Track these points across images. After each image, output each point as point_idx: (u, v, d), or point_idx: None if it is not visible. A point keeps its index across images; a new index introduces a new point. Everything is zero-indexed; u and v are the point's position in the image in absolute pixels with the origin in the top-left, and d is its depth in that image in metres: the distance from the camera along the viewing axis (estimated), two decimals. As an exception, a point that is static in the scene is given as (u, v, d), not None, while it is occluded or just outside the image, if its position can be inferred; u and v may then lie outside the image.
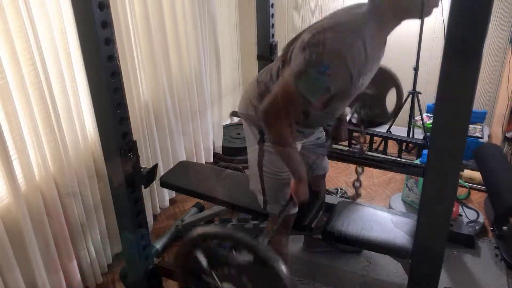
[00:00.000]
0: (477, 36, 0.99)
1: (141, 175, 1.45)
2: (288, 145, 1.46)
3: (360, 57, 1.33)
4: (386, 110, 2.14)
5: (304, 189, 1.56)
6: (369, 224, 1.96)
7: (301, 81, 1.33)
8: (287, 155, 1.50)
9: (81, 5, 1.18)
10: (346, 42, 1.30)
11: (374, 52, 1.40)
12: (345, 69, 1.32)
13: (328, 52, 1.31)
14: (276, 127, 1.43)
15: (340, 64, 1.30)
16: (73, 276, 2.00)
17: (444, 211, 1.25)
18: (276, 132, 1.44)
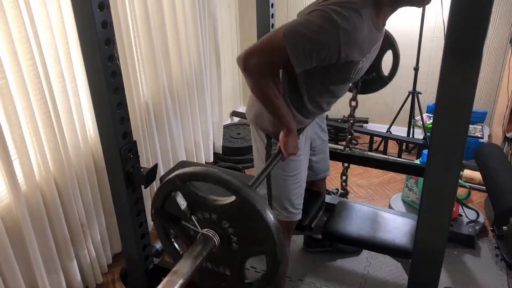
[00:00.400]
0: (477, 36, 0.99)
1: (141, 175, 1.45)
2: (271, 93, 1.39)
3: (356, 36, 1.31)
4: (382, 73, 2.07)
5: (294, 141, 1.50)
6: (369, 224, 1.96)
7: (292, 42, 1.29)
8: (272, 105, 1.42)
9: (81, 5, 1.18)
10: (346, 18, 1.28)
11: (373, 35, 1.38)
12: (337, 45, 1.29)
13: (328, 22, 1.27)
14: (257, 74, 1.37)
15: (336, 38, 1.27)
16: (73, 276, 2.00)
17: (444, 211, 1.25)
18: (257, 79, 1.38)
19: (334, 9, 1.28)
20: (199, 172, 1.02)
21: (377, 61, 1.99)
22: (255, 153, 1.75)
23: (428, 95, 3.32)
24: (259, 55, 1.34)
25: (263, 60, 1.34)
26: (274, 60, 1.35)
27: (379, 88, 2.11)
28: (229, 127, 3.54)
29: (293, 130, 1.49)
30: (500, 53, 3.08)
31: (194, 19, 2.64)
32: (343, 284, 2.12)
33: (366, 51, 1.39)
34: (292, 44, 1.30)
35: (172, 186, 1.06)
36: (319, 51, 1.31)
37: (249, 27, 3.71)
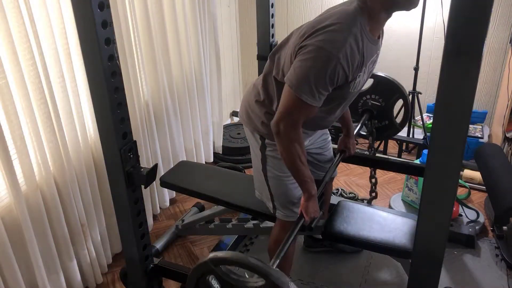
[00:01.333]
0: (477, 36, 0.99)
1: (141, 175, 1.45)
2: (298, 159, 1.46)
3: (353, 55, 1.33)
4: (394, 121, 2.18)
5: (314, 206, 1.55)
6: (369, 224, 1.96)
7: (303, 91, 1.34)
8: (298, 170, 1.49)
9: (81, 5, 1.18)
10: (338, 42, 1.31)
11: (368, 48, 1.40)
12: (341, 70, 1.33)
13: (322, 56, 1.31)
14: (286, 139, 1.44)
15: (336, 66, 1.31)
16: (73, 276, 2.00)
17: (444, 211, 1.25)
18: (286, 149, 1.45)
19: (326, 40, 1.31)
20: (230, 257, 1.11)
21: (389, 109, 2.16)
22: (252, 153, 1.76)
23: (428, 95, 3.32)
24: (284, 119, 1.41)
25: (289, 122, 1.40)
26: (298, 117, 1.41)
27: (392, 135, 2.29)
28: (229, 127, 3.54)
29: (313, 196, 1.54)
30: (500, 53, 3.08)
31: (194, 19, 2.64)
32: (343, 284, 2.12)
33: (362, 66, 1.42)
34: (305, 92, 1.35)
35: (205, 269, 1.13)
36: (331, 83, 1.36)
37: (249, 27, 3.71)
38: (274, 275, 1.04)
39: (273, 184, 1.69)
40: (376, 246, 1.88)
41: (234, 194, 2.09)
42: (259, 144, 1.66)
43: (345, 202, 2.12)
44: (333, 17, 1.36)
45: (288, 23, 3.57)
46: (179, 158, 2.72)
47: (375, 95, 2.12)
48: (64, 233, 1.89)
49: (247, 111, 1.68)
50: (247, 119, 1.68)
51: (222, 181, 2.23)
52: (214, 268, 1.11)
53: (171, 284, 2.11)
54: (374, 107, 2.14)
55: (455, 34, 1.01)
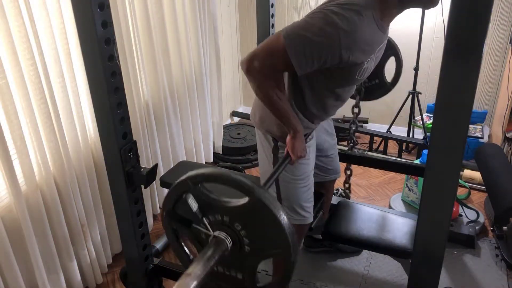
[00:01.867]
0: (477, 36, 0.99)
1: (141, 175, 1.45)
2: (273, 95, 1.39)
3: (357, 43, 1.31)
4: (385, 79, 2.07)
5: (301, 144, 1.49)
6: (369, 224, 1.96)
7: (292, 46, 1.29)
8: (276, 107, 1.42)
9: (81, 5, 1.18)
10: (348, 20, 1.28)
11: (377, 35, 1.38)
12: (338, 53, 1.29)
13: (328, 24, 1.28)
14: (259, 77, 1.36)
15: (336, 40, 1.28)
16: (73, 276, 2.00)
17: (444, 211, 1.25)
18: (259, 81, 1.38)
19: (334, 11, 1.28)
20: (211, 173, 1.01)
21: (380, 68, 2.00)
22: (261, 157, 1.73)
23: (428, 95, 3.32)
24: (261, 58, 1.34)
25: (266, 62, 1.34)
26: (276, 63, 1.34)
27: (382, 95, 2.13)
28: (229, 127, 3.54)
29: (299, 132, 1.47)
30: (500, 53, 3.08)
31: (194, 19, 2.64)
32: (343, 284, 2.12)
33: (370, 52, 1.39)
34: (292, 47, 1.30)
35: (183, 188, 1.04)
36: (320, 54, 1.31)
37: (249, 27, 3.71)
38: (257, 191, 0.95)
39: (283, 187, 1.67)
40: (376, 246, 1.88)
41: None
42: (272, 146, 1.64)
43: (345, 202, 2.13)
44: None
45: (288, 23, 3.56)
46: (179, 158, 2.72)
47: None
48: (64, 233, 1.89)
49: (260, 114, 1.64)
50: (259, 122, 1.65)
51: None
52: (192, 187, 1.02)
53: (171, 284, 2.11)
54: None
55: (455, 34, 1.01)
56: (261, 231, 1.00)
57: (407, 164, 2.32)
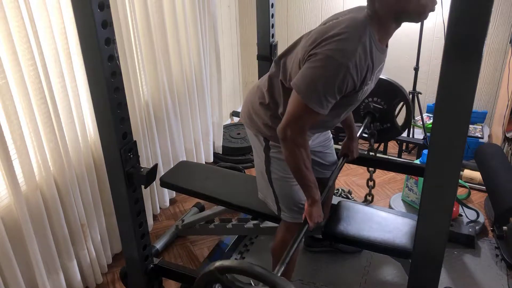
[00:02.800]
0: (477, 36, 0.99)
1: (141, 175, 1.45)
2: (302, 165, 1.46)
3: (362, 64, 1.34)
4: (396, 123, 2.17)
5: (318, 211, 1.56)
6: (369, 224, 1.96)
7: (311, 99, 1.35)
8: (302, 175, 1.50)
9: (81, 5, 1.18)
10: (348, 51, 1.31)
11: (376, 56, 1.40)
12: (351, 79, 1.34)
13: (332, 65, 1.32)
14: (292, 146, 1.44)
15: (345, 75, 1.32)
16: (73, 276, 2.00)
17: (444, 211, 1.25)
18: (292, 151, 1.45)
19: (336, 49, 1.32)
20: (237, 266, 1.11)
21: (391, 113, 2.15)
22: (255, 156, 1.75)
23: (428, 95, 3.32)
24: (291, 125, 1.41)
25: (296, 129, 1.41)
26: (305, 122, 1.42)
27: (393, 137, 2.31)
28: (229, 127, 3.54)
29: (318, 202, 1.55)
30: (500, 53, 3.08)
31: (194, 19, 2.64)
32: (343, 284, 2.12)
33: (372, 74, 1.43)
34: (313, 102, 1.36)
35: (211, 278, 1.13)
36: (340, 92, 1.37)
37: (249, 27, 3.71)
38: (280, 284, 1.04)
39: (277, 186, 1.69)
40: (376, 246, 1.88)
41: (234, 194, 2.09)
42: (263, 146, 1.66)
43: (345, 202, 2.12)
44: (342, 24, 1.36)
45: (288, 23, 3.57)
46: (179, 158, 2.72)
47: (377, 97, 2.12)
48: (64, 233, 1.89)
49: (250, 113, 1.67)
50: (249, 121, 1.68)
51: (222, 181, 2.23)
52: (220, 277, 1.12)
53: (171, 284, 2.11)
54: (376, 110, 2.14)
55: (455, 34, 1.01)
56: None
57: (407, 164, 2.32)
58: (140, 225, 1.60)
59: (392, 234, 1.89)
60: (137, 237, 1.61)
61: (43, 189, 1.79)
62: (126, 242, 1.65)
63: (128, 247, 1.65)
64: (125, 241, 1.64)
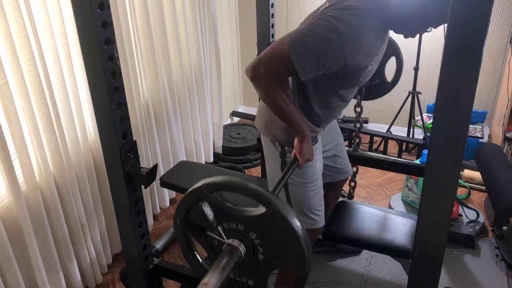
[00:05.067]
0: (477, 36, 0.99)
1: (141, 175, 1.45)
2: (280, 100, 1.39)
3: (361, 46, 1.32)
4: (386, 79, 2.08)
5: (309, 147, 1.49)
6: (369, 224, 1.96)
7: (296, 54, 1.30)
8: (283, 112, 1.42)
9: (81, 5, 1.18)
10: (353, 28, 1.28)
11: (380, 37, 1.39)
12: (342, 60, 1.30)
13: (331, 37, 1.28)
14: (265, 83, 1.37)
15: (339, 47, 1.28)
16: (73, 276, 2.00)
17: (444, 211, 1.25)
18: (266, 88, 1.38)
19: (337, 17, 1.29)
20: (228, 182, 1.02)
21: (381, 68, 2.00)
22: (268, 163, 1.72)
23: (428, 95, 3.32)
24: (266, 64, 1.35)
25: (271, 69, 1.35)
26: (281, 69, 1.36)
27: (382, 94, 2.14)
28: (229, 127, 3.54)
29: (307, 136, 1.48)
30: (500, 53, 3.08)
31: (194, 19, 2.64)
32: (343, 284, 2.12)
33: (373, 55, 1.40)
34: (296, 54, 1.30)
35: (199, 195, 1.04)
36: (324, 61, 1.31)
37: (249, 27, 3.71)
38: (275, 202, 0.96)
39: (292, 191, 1.66)
40: (376, 246, 1.88)
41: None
42: (279, 151, 1.63)
43: (345, 202, 2.12)
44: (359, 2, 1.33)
45: (288, 23, 3.57)
46: (179, 158, 2.72)
47: None
48: (64, 233, 1.89)
49: (265, 120, 1.64)
50: (265, 128, 1.65)
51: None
52: (208, 195, 1.03)
53: (171, 284, 2.11)
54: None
55: (455, 34, 1.01)
56: (276, 241, 1.01)
57: (407, 164, 2.32)
58: (140, 225, 1.60)
59: (392, 234, 1.89)
60: (137, 237, 1.61)
61: (43, 189, 1.79)
62: (126, 242, 1.65)
63: (128, 247, 1.65)
64: (125, 241, 1.64)
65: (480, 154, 2.61)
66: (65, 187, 1.87)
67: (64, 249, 1.92)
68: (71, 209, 1.91)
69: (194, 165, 2.50)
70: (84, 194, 2.00)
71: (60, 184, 1.85)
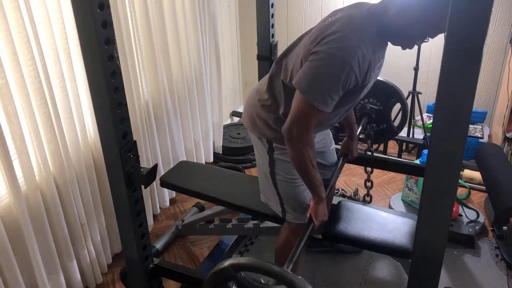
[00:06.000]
0: (477, 36, 0.99)
1: (141, 175, 1.45)
2: (309, 164, 1.46)
3: (364, 60, 1.35)
4: (392, 124, 2.18)
5: (324, 209, 1.56)
6: (369, 224, 1.96)
7: (315, 97, 1.35)
8: (309, 174, 1.49)
9: (81, 5, 1.18)
10: (349, 48, 1.32)
11: (376, 51, 1.41)
12: (353, 76, 1.35)
13: (334, 62, 1.33)
14: (298, 145, 1.43)
15: (348, 72, 1.33)
16: (73, 276, 2.00)
17: (444, 211, 1.25)
18: (298, 153, 1.45)
19: (338, 47, 1.32)
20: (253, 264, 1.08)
21: (387, 114, 2.14)
22: (257, 159, 1.75)
23: (428, 95, 3.32)
24: (296, 124, 1.40)
25: (302, 127, 1.41)
26: (309, 122, 1.41)
27: (390, 138, 2.28)
28: (229, 127, 3.54)
29: (323, 200, 1.55)
30: (500, 53, 3.08)
31: (194, 19, 2.64)
32: (343, 284, 2.12)
33: (372, 71, 1.43)
34: (318, 100, 1.35)
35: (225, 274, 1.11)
36: (343, 88, 1.37)
37: (249, 27, 3.70)
38: (298, 283, 1.04)
39: (282, 187, 1.68)
40: (376, 246, 1.88)
41: (234, 194, 2.09)
42: (266, 148, 1.65)
43: (345, 202, 2.12)
44: (342, 21, 1.37)
45: (288, 23, 3.57)
46: (179, 158, 2.72)
47: (373, 98, 2.12)
48: (64, 233, 1.89)
49: (252, 117, 1.66)
50: (252, 125, 1.67)
51: (222, 181, 2.23)
52: (234, 274, 1.09)
53: (171, 284, 2.11)
54: (373, 111, 2.14)
55: (455, 34, 1.01)
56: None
57: (407, 164, 2.32)
58: (140, 225, 1.60)
59: (392, 234, 1.89)
60: (137, 237, 1.61)
61: (43, 189, 1.79)
62: (126, 242, 1.65)
63: (128, 247, 1.65)
64: (125, 241, 1.64)
65: (480, 154, 2.61)
66: (65, 187, 1.87)
67: (64, 249, 1.92)
68: (71, 209, 1.91)
69: (194, 165, 2.50)
70: (84, 194, 2.00)
71: (60, 184, 1.85)
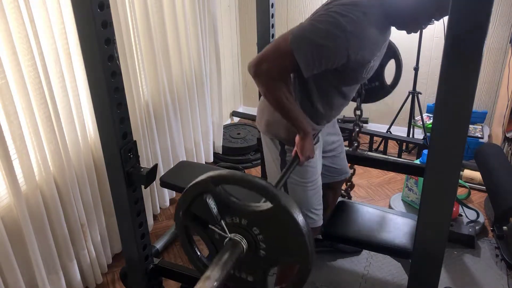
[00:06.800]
0: (477, 36, 0.99)
1: (141, 175, 1.45)
2: (282, 97, 1.39)
3: (364, 42, 1.33)
4: (385, 82, 2.09)
5: (309, 145, 1.49)
6: (369, 224, 1.96)
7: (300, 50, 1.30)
8: (285, 109, 1.42)
9: (81, 5, 1.18)
10: (357, 24, 1.29)
11: (383, 33, 1.40)
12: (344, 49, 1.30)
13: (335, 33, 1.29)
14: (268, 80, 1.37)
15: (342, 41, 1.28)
16: (73, 276, 2.00)
17: (444, 211, 1.25)
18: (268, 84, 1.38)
19: (340, 13, 1.29)
20: (233, 175, 1.01)
21: (380, 70, 2.01)
22: (268, 162, 1.72)
23: (428, 95, 3.32)
24: (269, 60, 1.35)
25: (273, 65, 1.35)
26: (283, 65, 1.35)
27: (382, 97, 2.15)
28: (229, 127, 3.54)
29: (309, 133, 1.48)
30: (500, 53, 3.08)
31: (194, 19, 2.64)
32: (343, 284, 2.12)
33: (376, 51, 1.40)
34: (299, 50, 1.31)
35: (204, 188, 1.04)
36: (327, 56, 1.32)
37: (249, 27, 3.71)
38: (282, 198, 0.95)
39: (292, 190, 1.66)
40: (376, 246, 1.88)
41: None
42: (279, 150, 1.63)
43: (345, 202, 2.12)
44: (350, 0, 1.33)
45: (288, 23, 3.57)
46: (179, 158, 2.72)
47: None
48: (64, 233, 1.89)
49: (266, 118, 1.63)
50: (266, 126, 1.64)
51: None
52: (213, 188, 1.02)
53: (171, 284, 2.11)
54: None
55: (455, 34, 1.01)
56: (280, 237, 1.00)
57: (407, 164, 2.32)
58: (140, 225, 1.60)
59: (392, 234, 1.89)
60: (137, 237, 1.61)
61: (43, 189, 1.79)
62: (126, 242, 1.65)
63: (128, 247, 1.65)
64: (125, 241, 1.64)
65: (480, 154, 2.61)
66: (65, 187, 1.87)
67: (64, 249, 1.92)
68: (71, 209, 1.91)
69: (194, 165, 2.50)
70: (84, 194, 2.00)
71: (60, 184, 1.85)
